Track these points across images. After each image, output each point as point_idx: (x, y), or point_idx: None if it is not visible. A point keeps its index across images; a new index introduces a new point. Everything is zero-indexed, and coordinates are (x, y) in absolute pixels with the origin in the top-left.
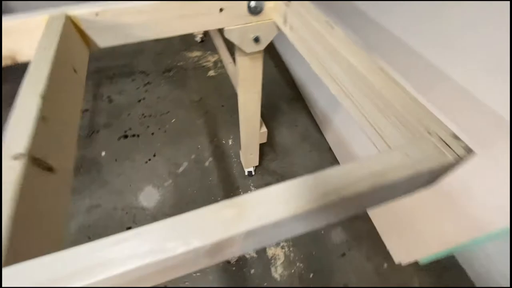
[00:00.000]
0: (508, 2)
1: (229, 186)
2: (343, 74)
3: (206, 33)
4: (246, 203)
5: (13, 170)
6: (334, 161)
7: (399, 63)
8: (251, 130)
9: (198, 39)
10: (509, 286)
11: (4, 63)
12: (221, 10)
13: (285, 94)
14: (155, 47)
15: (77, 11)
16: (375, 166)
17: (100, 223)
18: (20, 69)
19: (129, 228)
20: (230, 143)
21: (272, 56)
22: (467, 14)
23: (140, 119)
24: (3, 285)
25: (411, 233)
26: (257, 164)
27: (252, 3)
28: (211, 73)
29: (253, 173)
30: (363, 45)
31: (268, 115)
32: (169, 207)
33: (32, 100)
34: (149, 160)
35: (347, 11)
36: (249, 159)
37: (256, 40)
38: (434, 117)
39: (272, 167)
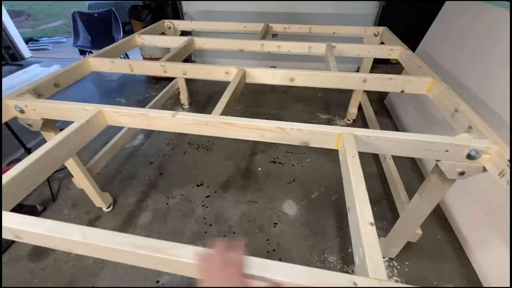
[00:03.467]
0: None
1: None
2: None
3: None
4: None
5: None
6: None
7: None
8: (407, 228)
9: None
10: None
11: None
12: (446, 151)
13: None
14: (295, 107)
15: None
16: None
17: (256, 214)
18: None
19: (275, 223)
20: None
21: None
22: None
23: (284, 153)
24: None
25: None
26: (393, 256)
27: (473, 153)
28: None
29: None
30: None
31: None
32: (304, 220)
33: None
34: (290, 182)
35: None
36: (390, 249)
37: (461, 174)
38: None
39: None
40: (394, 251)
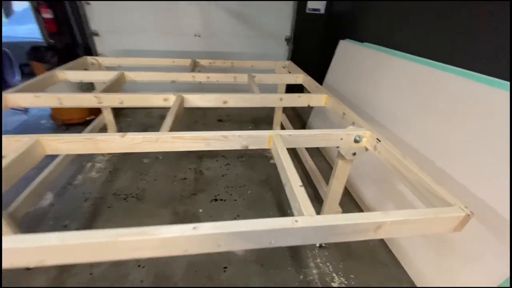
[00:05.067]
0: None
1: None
2: (410, 176)
3: None
4: None
5: None
6: None
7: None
8: (331, 208)
9: None
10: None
11: None
12: (341, 139)
13: None
14: None
15: None
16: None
17: (202, 261)
18: None
19: (225, 267)
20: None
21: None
22: None
23: (225, 188)
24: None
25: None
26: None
27: (357, 138)
28: (272, 161)
29: (323, 244)
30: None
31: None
32: (254, 256)
33: None
34: (235, 219)
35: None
36: None
37: (354, 154)
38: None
39: None
40: None
